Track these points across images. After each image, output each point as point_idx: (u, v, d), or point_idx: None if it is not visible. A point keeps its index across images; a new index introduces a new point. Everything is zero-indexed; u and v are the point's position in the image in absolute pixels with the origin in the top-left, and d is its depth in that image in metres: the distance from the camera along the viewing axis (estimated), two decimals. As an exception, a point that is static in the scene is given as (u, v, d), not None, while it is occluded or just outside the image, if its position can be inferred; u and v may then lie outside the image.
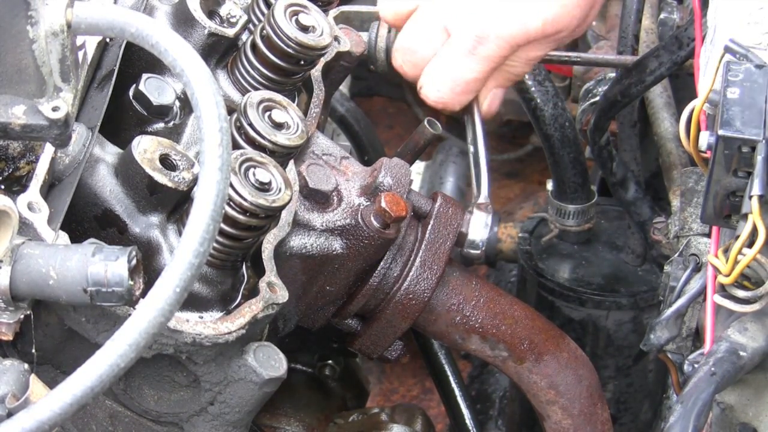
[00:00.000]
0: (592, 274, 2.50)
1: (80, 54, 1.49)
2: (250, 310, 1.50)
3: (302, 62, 1.70)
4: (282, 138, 1.60)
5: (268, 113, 1.61)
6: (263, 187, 1.51)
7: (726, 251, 1.48)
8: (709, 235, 1.71)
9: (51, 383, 1.29)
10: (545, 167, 2.47)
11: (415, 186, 3.04)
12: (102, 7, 1.38)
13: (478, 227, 1.81)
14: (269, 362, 1.52)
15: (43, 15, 1.38)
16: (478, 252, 1.82)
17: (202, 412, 1.56)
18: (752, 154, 1.43)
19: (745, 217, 1.44)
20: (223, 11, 1.68)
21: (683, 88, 2.36)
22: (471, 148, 1.93)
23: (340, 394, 2.08)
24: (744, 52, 1.54)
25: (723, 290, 1.51)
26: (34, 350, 1.43)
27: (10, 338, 1.37)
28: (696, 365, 1.54)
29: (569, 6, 1.81)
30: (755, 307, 1.50)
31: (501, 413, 3.00)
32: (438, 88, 1.86)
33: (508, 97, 2.18)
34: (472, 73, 1.85)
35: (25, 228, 1.38)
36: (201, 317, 1.52)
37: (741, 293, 1.50)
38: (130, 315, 1.23)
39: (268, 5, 1.75)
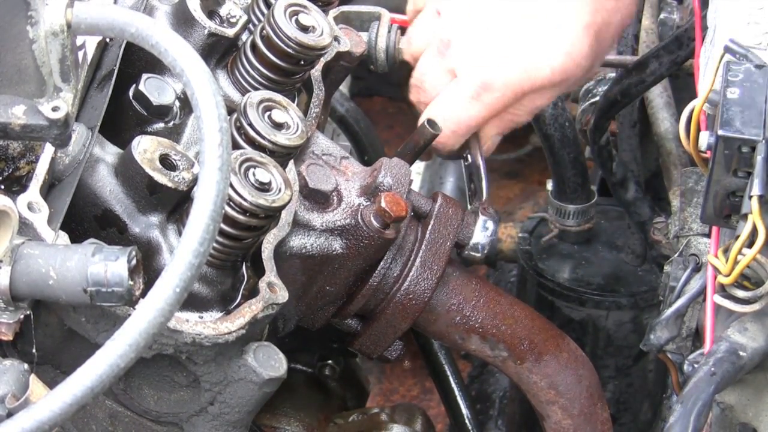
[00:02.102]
0: (592, 274, 2.50)
1: (80, 54, 1.49)
2: (250, 310, 1.50)
3: (302, 62, 1.70)
4: (282, 138, 1.60)
5: (268, 113, 1.61)
6: (263, 187, 1.51)
7: (726, 251, 1.48)
8: (709, 235, 1.71)
9: (51, 383, 1.28)
10: (545, 167, 2.48)
11: (415, 186, 3.04)
12: (102, 7, 1.38)
13: (480, 231, 1.81)
14: (269, 362, 1.52)
15: (43, 15, 1.38)
16: (479, 255, 1.82)
17: (202, 412, 1.56)
18: (752, 154, 1.43)
19: (745, 217, 1.44)
20: (223, 11, 1.68)
21: (683, 88, 2.36)
22: (465, 162, 1.93)
23: (340, 394, 2.08)
24: (744, 52, 1.54)
25: (723, 290, 1.51)
26: (34, 350, 1.42)
27: (10, 338, 1.37)
28: (696, 365, 1.54)
29: (577, 56, 1.78)
30: (755, 307, 1.50)
31: (501, 413, 3.00)
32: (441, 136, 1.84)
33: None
34: (474, 118, 1.84)
35: (25, 228, 1.38)
36: (201, 317, 1.52)
37: (741, 293, 1.50)
38: (130, 315, 1.23)
39: (268, 5, 1.75)
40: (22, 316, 1.37)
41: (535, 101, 1.84)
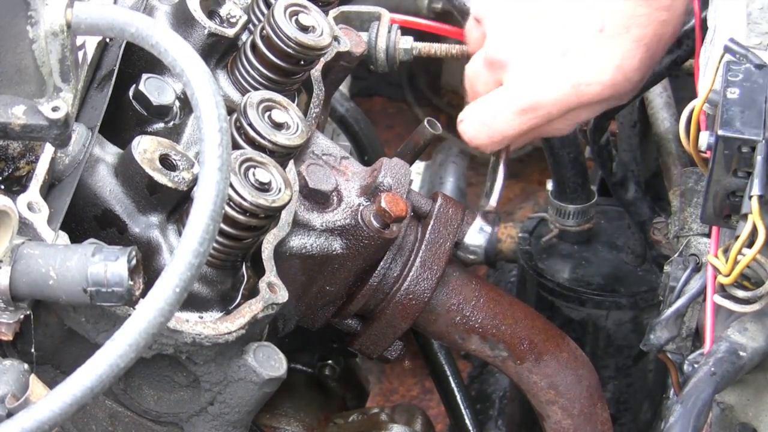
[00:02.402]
0: (592, 274, 2.50)
1: (80, 54, 1.49)
2: (250, 310, 1.50)
3: (302, 62, 1.70)
4: (282, 138, 1.60)
5: (268, 113, 1.61)
6: (263, 188, 1.51)
7: (726, 251, 1.48)
8: (708, 235, 1.71)
9: (51, 383, 1.28)
10: (545, 167, 2.47)
11: (415, 186, 3.04)
12: (102, 7, 1.38)
13: (476, 233, 1.81)
14: (269, 362, 1.52)
15: (43, 15, 1.38)
16: (472, 257, 1.82)
17: (202, 412, 1.56)
18: (752, 154, 1.43)
19: (744, 217, 1.44)
20: (223, 11, 1.68)
21: (683, 88, 2.36)
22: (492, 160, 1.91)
23: (340, 394, 2.08)
24: (744, 52, 1.54)
25: (723, 290, 1.51)
26: (34, 350, 1.42)
27: (10, 338, 1.37)
28: (696, 365, 1.54)
29: (627, 70, 1.71)
30: (755, 307, 1.50)
31: (501, 413, 3.00)
32: (476, 129, 1.79)
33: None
34: (514, 130, 1.77)
35: (25, 228, 1.38)
36: (201, 317, 1.52)
37: (741, 293, 1.50)
38: (130, 315, 1.23)
39: (268, 5, 1.75)
40: (22, 316, 1.37)
41: (581, 115, 1.78)
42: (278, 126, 1.61)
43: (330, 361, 2.08)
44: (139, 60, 1.65)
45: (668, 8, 1.71)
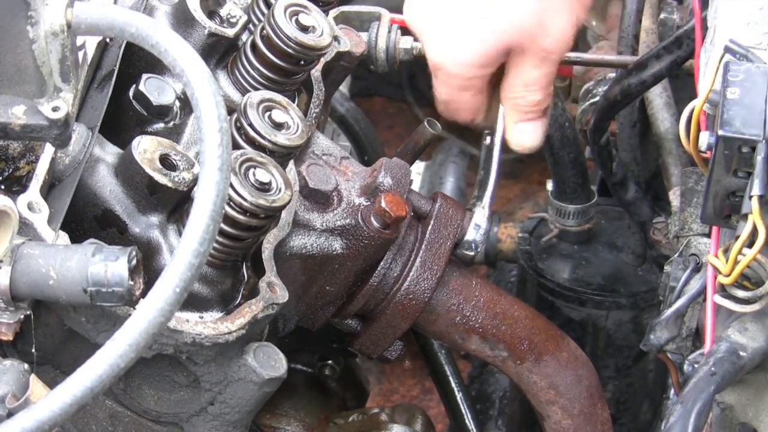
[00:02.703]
0: (592, 274, 2.50)
1: (80, 54, 1.49)
2: (250, 310, 1.50)
3: (302, 62, 1.70)
4: (282, 138, 1.60)
5: (268, 113, 1.61)
6: (263, 188, 1.51)
7: (726, 251, 1.48)
8: (709, 235, 1.71)
9: (51, 383, 1.29)
10: (545, 167, 2.47)
11: (415, 186, 3.04)
12: (102, 7, 1.38)
13: (473, 229, 1.81)
14: (269, 362, 1.52)
15: (43, 15, 1.38)
16: (472, 254, 1.82)
17: (202, 412, 1.56)
18: (752, 154, 1.43)
19: (745, 217, 1.44)
20: (223, 11, 1.68)
21: (683, 88, 2.36)
22: (483, 154, 1.92)
23: (340, 394, 2.08)
24: (744, 52, 1.54)
25: (723, 290, 1.51)
26: (34, 350, 1.42)
27: (10, 338, 1.37)
28: (696, 365, 1.54)
29: (509, 15, 1.76)
30: (755, 307, 1.50)
31: (501, 413, 3.00)
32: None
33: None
34: (442, 95, 1.85)
35: (25, 228, 1.38)
36: (201, 317, 1.52)
37: (741, 293, 1.50)
38: (130, 315, 1.23)
39: (268, 5, 1.75)
40: (22, 316, 1.37)
41: (519, 76, 1.82)
42: (278, 126, 1.61)
43: (330, 361, 2.08)
44: (139, 60, 1.64)
45: None
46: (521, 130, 1.88)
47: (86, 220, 1.50)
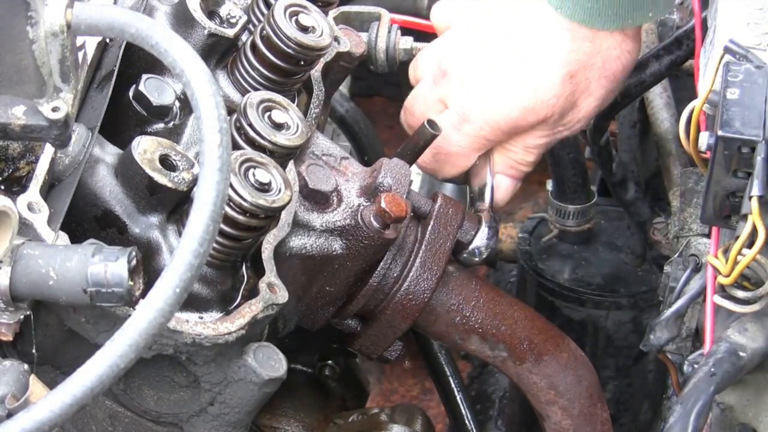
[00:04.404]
0: (592, 275, 2.50)
1: (80, 54, 1.49)
2: (250, 311, 1.50)
3: (302, 63, 1.70)
4: (282, 138, 1.60)
5: (267, 114, 1.61)
6: (263, 188, 1.51)
7: (726, 252, 1.48)
8: (708, 236, 1.71)
9: (51, 384, 1.28)
10: (545, 167, 2.47)
11: (415, 186, 3.04)
12: (102, 7, 1.38)
13: (482, 236, 1.81)
14: (269, 362, 1.52)
15: (43, 15, 1.38)
16: (477, 260, 1.83)
17: (202, 413, 1.56)
18: (752, 155, 1.43)
19: (744, 217, 1.44)
20: (223, 11, 1.68)
21: (683, 88, 2.36)
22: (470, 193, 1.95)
23: (340, 394, 2.08)
24: (744, 52, 1.54)
25: (723, 291, 1.51)
26: (34, 350, 1.42)
27: (10, 339, 1.37)
28: (696, 365, 1.54)
29: (545, 94, 1.79)
30: (755, 307, 1.51)
31: (501, 413, 3.00)
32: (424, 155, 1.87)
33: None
34: (456, 147, 1.86)
35: (25, 228, 1.38)
36: (201, 318, 1.52)
37: (741, 294, 1.50)
38: (130, 315, 1.23)
39: (268, 5, 1.75)
40: (22, 317, 1.37)
41: (527, 139, 1.85)
42: (278, 126, 1.61)
43: (330, 361, 2.08)
44: (139, 60, 1.64)
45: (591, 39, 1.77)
46: (498, 181, 1.91)
47: (86, 221, 1.50)
